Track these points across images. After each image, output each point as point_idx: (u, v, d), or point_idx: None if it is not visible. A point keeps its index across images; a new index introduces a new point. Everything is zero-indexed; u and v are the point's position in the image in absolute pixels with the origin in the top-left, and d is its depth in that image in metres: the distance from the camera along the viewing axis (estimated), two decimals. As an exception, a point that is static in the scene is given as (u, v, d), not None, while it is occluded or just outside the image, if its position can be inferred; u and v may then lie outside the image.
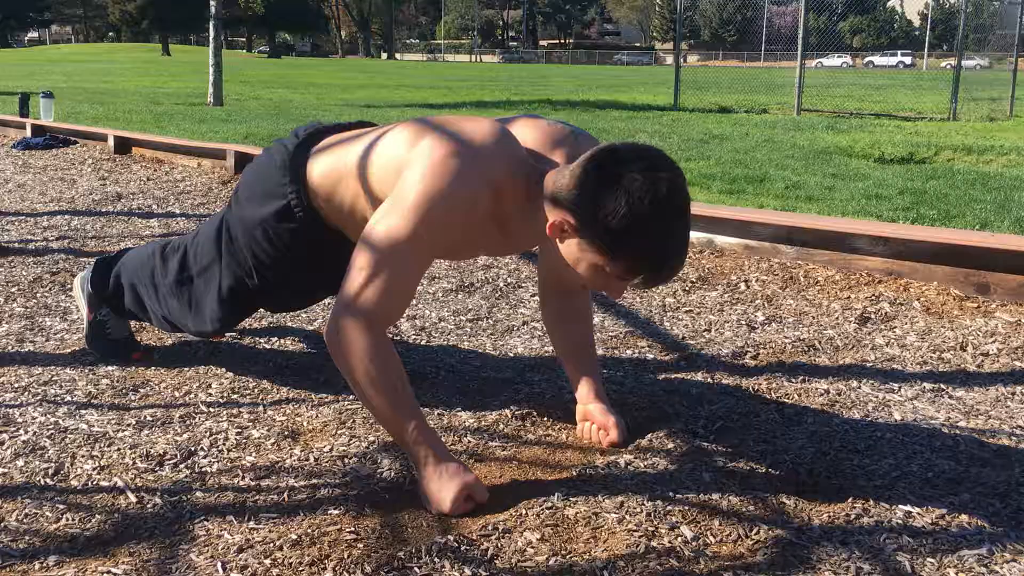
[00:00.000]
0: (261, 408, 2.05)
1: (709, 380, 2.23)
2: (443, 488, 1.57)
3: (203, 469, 1.74)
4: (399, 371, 1.61)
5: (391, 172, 1.65)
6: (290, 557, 1.42)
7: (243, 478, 1.71)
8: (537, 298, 2.95)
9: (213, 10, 12.50)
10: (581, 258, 1.53)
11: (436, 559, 1.41)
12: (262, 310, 2.29)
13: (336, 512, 1.57)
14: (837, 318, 2.73)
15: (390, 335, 1.84)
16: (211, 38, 12.90)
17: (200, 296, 2.07)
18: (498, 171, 1.59)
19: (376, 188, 1.70)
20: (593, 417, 1.88)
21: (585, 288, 1.70)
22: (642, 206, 1.43)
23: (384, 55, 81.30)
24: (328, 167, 1.82)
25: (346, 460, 1.78)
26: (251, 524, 1.53)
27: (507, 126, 1.70)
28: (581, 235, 1.50)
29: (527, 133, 1.71)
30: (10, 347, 2.45)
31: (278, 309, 2.31)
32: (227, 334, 2.57)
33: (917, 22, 66.19)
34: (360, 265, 1.58)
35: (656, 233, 1.45)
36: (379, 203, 1.67)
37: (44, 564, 1.42)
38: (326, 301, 2.91)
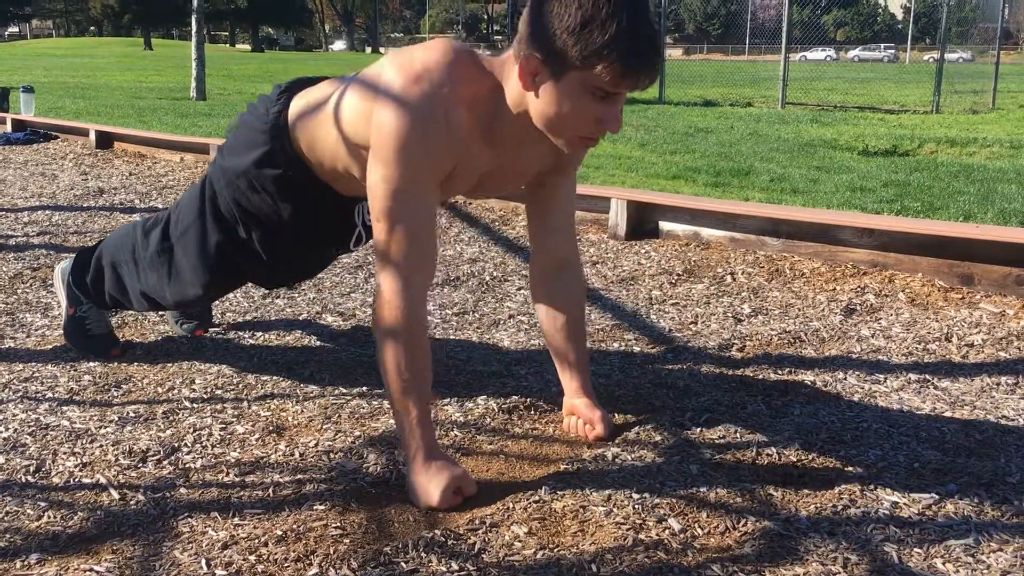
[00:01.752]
0: (245, 403, 2.04)
1: (696, 372, 2.23)
2: (431, 481, 1.56)
3: (187, 465, 1.73)
4: (424, 353, 1.61)
5: (361, 118, 1.65)
6: (275, 553, 1.41)
7: (227, 474, 1.69)
8: (523, 292, 2.94)
9: (195, 4, 12.41)
10: (561, 99, 1.49)
11: (423, 554, 1.40)
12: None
13: (322, 507, 1.56)
14: (823, 310, 2.73)
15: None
16: (193, 32, 12.81)
17: (180, 261, 2.04)
18: (459, 78, 1.58)
19: (350, 135, 1.70)
20: (579, 411, 1.87)
21: (582, 145, 1.62)
22: None
23: (368, 49, 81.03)
24: (307, 114, 1.82)
25: (332, 455, 1.77)
26: (236, 520, 1.52)
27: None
28: (549, 65, 1.47)
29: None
30: (-10, 343, 2.42)
31: (267, 279, 2.17)
32: (210, 330, 2.55)
33: (900, 15, 66.45)
34: (376, 219, 1.59)
35: (616, 8, 1.41)
36: (355, 150, 1.68)
37: (26, 562, 1.40)
38: (314, 294, 2.89)
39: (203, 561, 1.39)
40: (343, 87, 1.76)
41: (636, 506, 1.54)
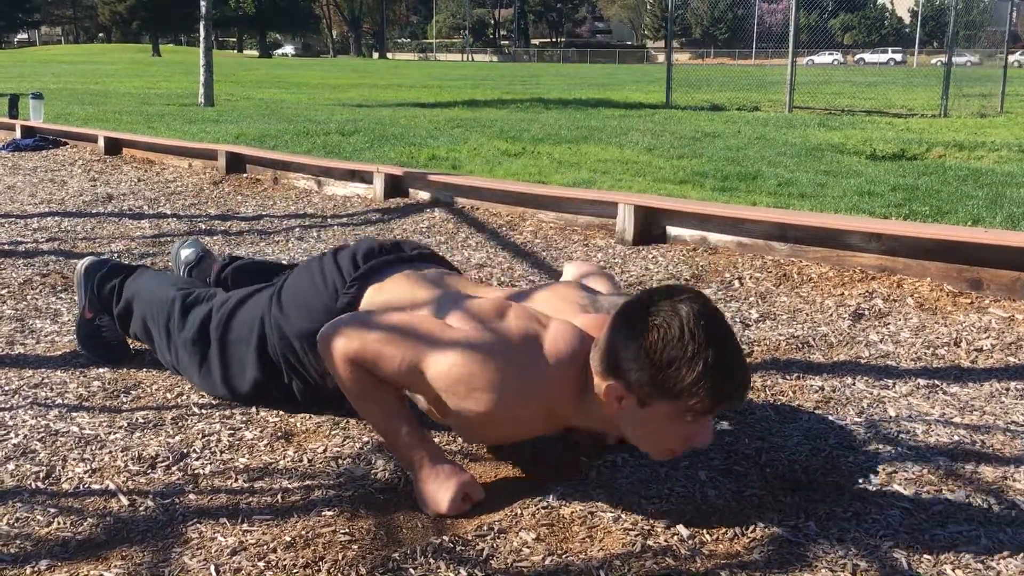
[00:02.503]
0: (254, 409, 2.04)
1: (704, 378, 2.22)
2: (440, 488, 1.56)
3: (196, 471, 1.73)
4: (385, 389, 1.62)
5: (450, 381, 1.55)
6: (284, 559, 1.41)
7: (236, 480, 1.69)
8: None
9: (203, 10, 12.46)
10: (650, 422, 1.45)
11: (431, 560, 1.41)
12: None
13: (330, 513, 1.56)
14: (831, 315, 2.73)
15: None
16: (201, 38, 12.85)
17: (213, 363, 2.04)
18: (557, 389, 1.54)
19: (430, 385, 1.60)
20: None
21: (669, 456, 1.55)
22: (672, 328, 1.38)
23: (376, 54, 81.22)
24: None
25: (340, 461, 1.77)
26: (244, 526, 1.52)
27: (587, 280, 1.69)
28: (636, 393, 1.43)
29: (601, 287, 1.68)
30: (0, 349, 2.43)
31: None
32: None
33: (907, 19, 66.34)
34: (399, 343, 1.56)
35: (702, 347, 1.37)
36: (424, 387, 1.59)
37: (36, 568, 1.40)
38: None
39: (212, 567, 1.40)
40: (430, 309, 1.68)
41: (644, 512, 1.54)
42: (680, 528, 1.49)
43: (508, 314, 1.59)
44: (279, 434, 1.90)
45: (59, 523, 1.54)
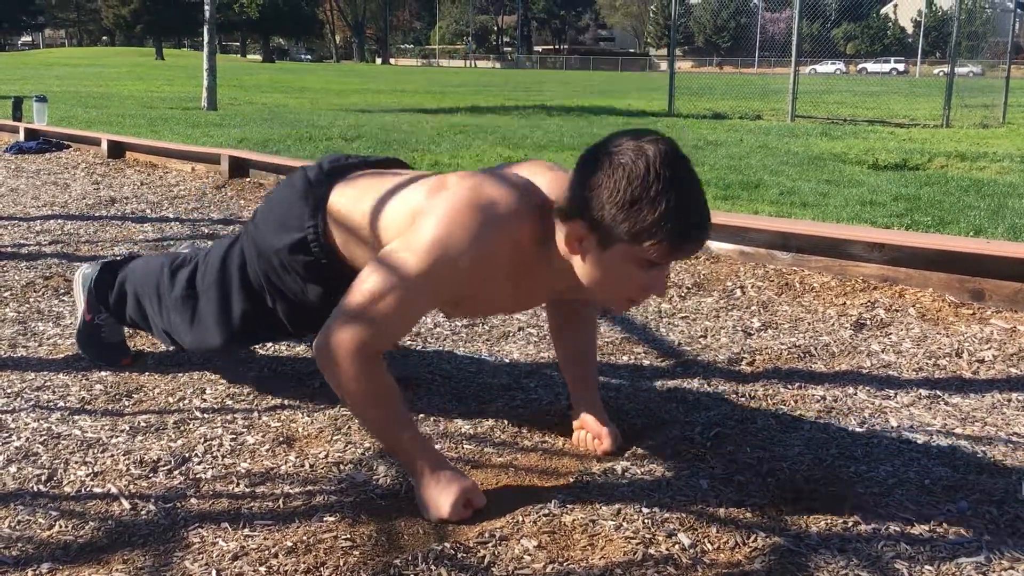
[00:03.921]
0: (256, 414, 2.04)
1: (705, 386, 2.23)
2: (441, 494, 1.56)
3: (197, 476, 1.73)
4: (390, 385, 1.61)
5: (405, 217, 1.62)
6: (285, 564, 1.41)
7: (238, 485, 1.70)
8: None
9: (207, 14, 12.48)
10: (608, 266, 1.48)
11: (432, 566, 1.41)
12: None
13: (332, 519, 1.56)
14: (833, 324, 2.73)
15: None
16: (205, 42, 12.88)
17: (204, 311, 2.04)
18: (516, 230, 1.55)
19: (390, 233, 1.66)
20: (588, 425, 1.87)
21: (627, 307, 1.60)
22: (638, 167, 1.40)
23: (379, 60, 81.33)
24: (348, 206, 1.78)
25: (342, 466, 1.77)
26: (246, 531, 1.52)
27: (521, 170, 1.67)
28: (597, 233, 1.45)
29: (540, 180, 1.67)
30: (2, 352, 2.44)
31: (288, 336, 2.18)
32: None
33: (910, 29, 66.43)
34: (365, 287, 1.56)
35: (665, 187, 1.39)
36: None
37: (37, 571, 1.40)
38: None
39: (213, 572, 1.40)
40: (395, 183, 1.73)
41: (646, 520, 1.54)
42: (681, 537, 1.49)
43: (468, 178, 1.61)
44: (281, 439, 1.90)
45: (61, 526, 1.54)
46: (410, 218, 1.61)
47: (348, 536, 1.50)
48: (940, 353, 2.46)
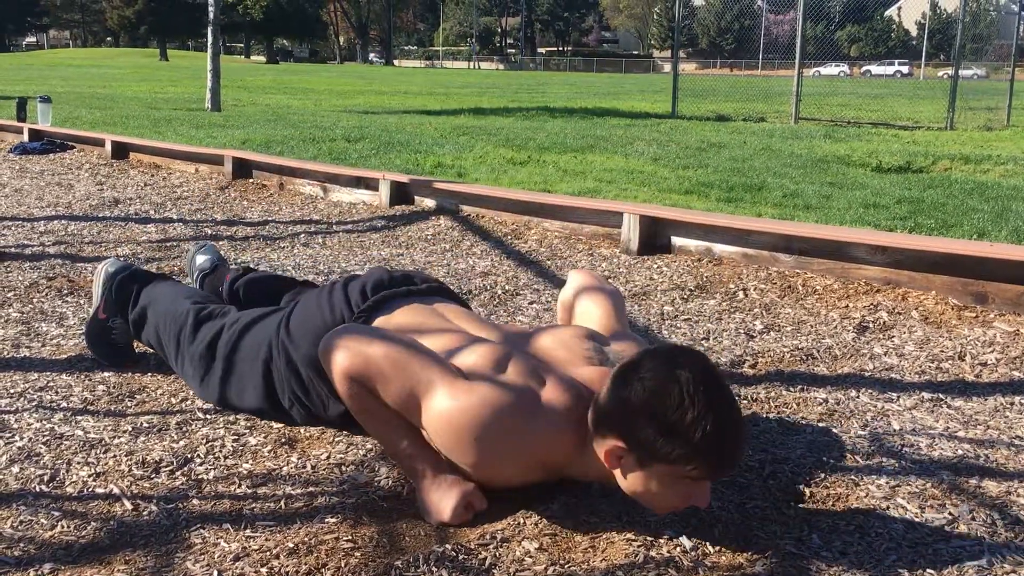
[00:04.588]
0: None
1: (707, 389, 2.22)
2: (443, 497, 1.57)
3: (199, 476, 1.74)
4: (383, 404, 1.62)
5: (444, 425, 1.57)
6: (287, 566, 1.41)
7: (240, 486, 1.70)
8: (535, 305, 2.95)
9: (211, 16, 12.50)
10: (649, 483, 1.45)
11: (434, 568, 1.41)
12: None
13: (333, 520, 1.57)
14: (835, 327, 2.73)
15: None
16: (209, 44, 12.90)
17: (215, 375, 2.05)
18: (552, 446, 1.55)
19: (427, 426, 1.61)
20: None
21: (668, 512, 1.55)
22: (673, 396, 1.38)
23: (374, 59, 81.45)
24: None
25: (343, 468, 1.77)
26: (248, 532, 1.52)
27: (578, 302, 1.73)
28: (635, 454, 1.43)
29: (592, 316, 1.73)
30: (5, 352, 2.44)
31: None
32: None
33: (914, 31, 66.38)
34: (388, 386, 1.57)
35: (702, 413, 1.37)
36: (418, 418, 1.60)
37: (39, 572, 1.41)
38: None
39: (215, 573, 1.40)
40: (439, 353, 1.65)
41: (647, 523, 1.54)
42: (683, 539, 1.49)
43: (509, 367, 1.59)
44: (283, 440, 1.90)
45: (63, 527, 1.54)
46: (448, 425, 1.57)
47: (350, 537, 1.50)
48: (943, 356, 2.46)
